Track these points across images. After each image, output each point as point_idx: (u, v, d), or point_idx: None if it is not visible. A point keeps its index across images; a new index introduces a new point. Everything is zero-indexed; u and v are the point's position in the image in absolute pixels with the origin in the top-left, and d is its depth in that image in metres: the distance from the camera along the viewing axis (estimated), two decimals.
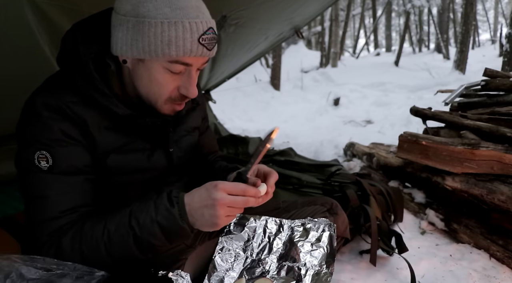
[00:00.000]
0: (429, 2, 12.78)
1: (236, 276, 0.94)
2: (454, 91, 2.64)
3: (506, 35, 5.93)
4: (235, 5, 2.04)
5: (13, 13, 1.13)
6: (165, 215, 0.78)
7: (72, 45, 0.84)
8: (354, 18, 23.08)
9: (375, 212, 1.63)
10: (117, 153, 0.89)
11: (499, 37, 11.81)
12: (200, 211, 0.77)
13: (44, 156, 0.80)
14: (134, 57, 0.81)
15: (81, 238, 0.79)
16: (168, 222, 0.78)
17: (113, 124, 0.88)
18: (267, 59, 10.63)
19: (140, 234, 0.79)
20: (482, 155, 1.66)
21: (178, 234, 0.80)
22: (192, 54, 0.79)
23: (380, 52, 17.73)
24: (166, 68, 0.81)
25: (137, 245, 0.79)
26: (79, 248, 0.79)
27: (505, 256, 1.51)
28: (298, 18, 2.72)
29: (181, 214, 0.78)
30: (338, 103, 6.75)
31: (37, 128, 0.81)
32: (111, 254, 0.79)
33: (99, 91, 0.83)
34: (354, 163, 2.86)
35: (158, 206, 0.80)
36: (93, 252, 0.79)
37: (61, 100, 0.82)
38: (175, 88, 0.85)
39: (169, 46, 0.77)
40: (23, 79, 1.35)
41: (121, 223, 0.80)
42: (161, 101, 0.86)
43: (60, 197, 0.81)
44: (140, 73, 0.84)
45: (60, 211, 0.80)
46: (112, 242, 0.79)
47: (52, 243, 0.79)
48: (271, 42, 3.09)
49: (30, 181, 0.82)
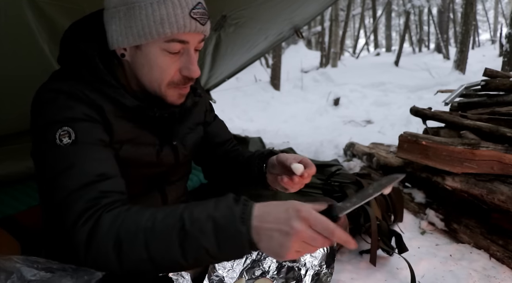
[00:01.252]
0: (429, 2, 12.77)
1: (236, 276, 0.94)
2: (454, 91, 2.64)
3: (506, 35, 5.93)
4: (235, 5, 2.04)
5: (13, 12, 1.13)
6: (224, 212, 0.66)
7: (73, 43, 0.85)
8: (354, 18, 23.08)
9: (375, 212, 1.64)
10: (130, 145, 0.88)
11: (499, 37, 11.81)
12: (269, 233, 0.64)
13: (66, 132, 0.75)
14: (131, 45, 0.81)
15: (124, 219, 0.69)
16: (226, 221, 0.65)
17: (128, 115, 0.87)
18: (267, 59, 10.63)
19: (190, 228, 0.66)
20: (482, 155, 1.66)
21: (232, 239, 0.65)
22: (186, 29, 0.79)
23: (380, 52, 17.72)
24: (164, 50, 0.81)
25: (181, 240, 0.66)
26: (117, 230, 0.68)
27: (505, 256, 1.51)
28: (298, 18, 2.72)
29: (244, 218, 0.65)
30: (338, 103, 6.75)
31: (55, 110, 0.78)
32: (149, 246, 0.67)
33: (106, 83, 0.82)
34: (354, 163, 2.86)
35: (218, 203, 0.68)
36: (130, 238, 0.67)
37: (75, 87, 0.80)
38: (177, 71, 0.84)
39: (162, 25, 0.77)
40: (23, 79, 1.35)
41: (172, 213, 0.68)
42: (164, 86, 0.85)
43: (91, 162, 0.74)
44: (140, 62, 0.84)
45: (96, 174, 0.73)
46: (154, 231, 0.67)
47: (91, 215, 0.69)
48: (271, 42, 3.09)
49: (51, 160, 0.75)
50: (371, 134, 4.20)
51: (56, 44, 1.31)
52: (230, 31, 2.31)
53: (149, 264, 0.68)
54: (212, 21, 2.09)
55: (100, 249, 0.68)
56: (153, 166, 0.95)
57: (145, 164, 0.93)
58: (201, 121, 1.10)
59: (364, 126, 5.11)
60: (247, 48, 2.89)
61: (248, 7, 2.09)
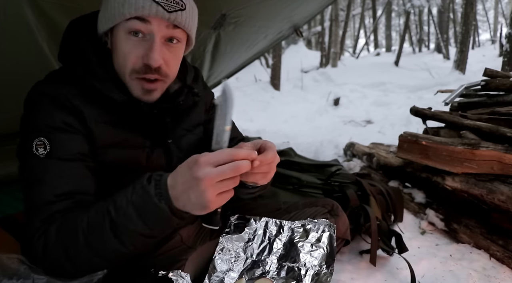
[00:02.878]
0: (429, 2, 12.78)
1: (236, 276, 0.94)
2: (454, 91, 2.64)
3: (506, 35, 5.93)
4: (234, 4, 2.04)
5: (13, 11, 1.13)
6: (140, 193, 0.70)
7: (71, 39, 0.88)
8: (354, 18, 23.08)
9: (375, 212, 1.63)
10: (115, 149, 0.88)
11: (499, 37, 11.81)
12: (185, 195, 0.66)
13: (42, 143, 0.79)
14: (105, 30, 0.85)
15: (65, 225, 0.74)
16: (142, 201, 0.69)
17: (112, 118, 0.87)
18: (267, 59, 10.63)
19: (116, 217, 0.70)
20: (482, 155, 1.66)
21: (155, 215, 0.69)
22: (145, 12, 0.80)
23: (380, 52, 17.73)
24: (127, 33, 0.82)
25: (114, 231, 0.71)
26: (61, 237, 0.73)
27: (505, 256, 1.51)
28: (297, 17, 2.72)
29: (160, 193, 0.68)
30: (338, 103, 6.75)
31: (37, 115, 0.82)
32: (90, 243, 0.72)
33: (97, 76, 0.84)
34: (354, 163, 2.86)
35: (135, 186, 0.72)
36: (73, 241, 0.72)
37: (59, 91, 0.83)
38: (138, 58, 0.83)
39: (123, 5, 0.80)
40: (22, 78, 1.35)
41: (100, 208, 0.73)
42: (128, 75, 0.85)
43: (56, 180, 0.79)
44: (113, 49, 0.87)
45: (55, 195, 0.78)
46: (90, 230, 0.72)
47: (42, 232, 0.74)
48: (270, 41, 3.08)
49: (27, 168, 0.81)
50: (371, 134, 4.20)
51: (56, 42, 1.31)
52: (230, 29, 2.31)
53: (97, 260, 0.73)
54: (212, 19, 2.09)
55: (53, 259, 0.74)
56: (142, 170, 0.91)
57: (133, 168, 0.91)
58: (201, 121, 1.08)
59: (364, 126, 5.11)
60: (247, 47, 2.89)
61: (247, 5, 2.09)
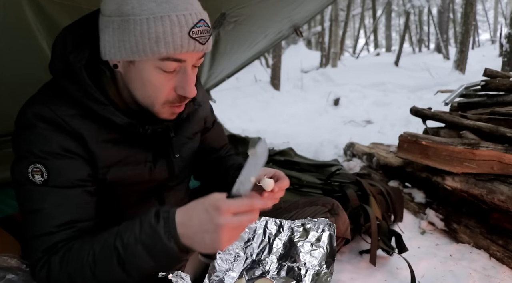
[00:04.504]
0: (429, 2, 12.77)
1: (236, 276, 0.94)
2: (454, 91, 2.63)
3: (506, 35, 5.93)
4: (234, 3, 2.04)
5: (12, 9, 1.13)
6: (148, 232, 0.68)
7: (62, 52, 0.79)
8: (354, 18, 23.08)
9: (375, 212, 1.63)
10: (117, 167, 0.85)
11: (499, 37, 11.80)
12: (199, 235, 0.67)
13: (38, 170, 0.75)
14: (124, 59, 0.76)
15: (69, 259, 0.73)
16: (152, 241, 0.68)
17: (113, 137, 0.84)
18: (267, 59, 10.62)
19: (124, 255, 0.70)
20: (482, 155, 1.66)
21: (165, 255, 0.69)
22: (184, 50, 0.74)
23: (380, 52, 17.74)
24: (158, 68, 0.76)
25: (122, 267, 0.70)
26: (66, 269, 0.72)
27: (505, 256, 1.51)
28: (297, 16, 2.72)
29: (169, 232, 0.67)
30: (338, 103, 6.74)
31: (32, 139, 0.76)
32: (97, 277, 0.72)
33: (94, 100, 0.78)
34: (354, 163, 2.86)
35: (142, 224, 0.70)
36: (79, 274, 0.72)
37: (57, 113, 0.77)
38: (171, 89, 0.79)
39: (157, 44, 0.72)
40: (22, 78, 1.35)
41: (106, 243, 0.72)
42: (158, 105, 0.81)
43: (55, 210, 0.76)
44: (133, 77, 0.79)
45: (55, 226, 0.75)
46: (97, 265, 0.71)
47: (44, 262, 0.74)
48: (270, 40, 3.08)
49: (24, 195, 0.77)
50: (371, 134, 4.20)
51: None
52: (229, 29, 2.31)
53: None
54: (211, 18, 2.09)
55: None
56: (145, 183, 0.92)
57: (136, 182, 0.90)
58: (200, 129, 1.07)
59: (364, 126, 5.11)
60: (247, 47, 2.89)
61: (247, 5, 2.09)
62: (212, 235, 0.65)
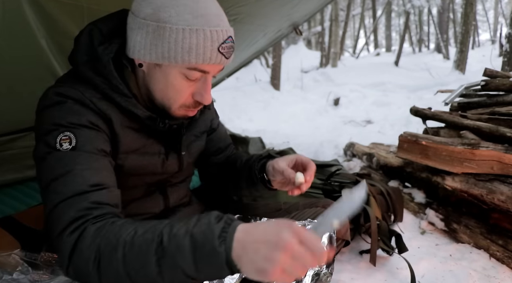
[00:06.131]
0: (429, 2, 12.78)
1: (236, 276, 0.94)
2: (454, 91, 2.63)
3: (506, 35, 5.92)
4: (233, 1, 2.03)
5: (11, 7, 1.13)
6: (203, 228, 0.63)
7: (89, 44, 0.83)
8: (354, 18, 23.07)
9: (375, 212, 1.63)
10: (136, 155, 0.90)
11: (499, 37, 11.79)
12: (256, 245, 0.59)
13: (67, 137, 0.75)
14: (152, 61, 0.81)
15: (106, 232, 0.67)
16: (202, 238, 0.61)
17: (134, 125, 0.88)
18: (267, 59, 10.62)
19: (167, 244, 0.63)
20: (482, 155, 1.66)
21: (209, 258, 0.61)
22: (211, 62, 0.80)
23: (380, 52, 17.75)
24: (183, 74, 0.81)
25: (158, 257, 0.63)
26: (98, 243, 0.67)
27: (505, 256, 1.51)
28: (296, 15, 2.72)
29: (224, 236, 0.61)
30: (338, 103, 6.75)
31: (60, 114, 0.77)
32: (126, 261, 0.65)
33: (119, 92, 0.82)
34: (354, 163, 2.86)
35: (200, 219, 0.65)
36: (110, 252, 0.66)
37: (84, 94, 0.80)
38: (190, 95, 0.86)
39: (189, 53, 0.77)
40: (21, 77, 1.35)
41: (152, 228, 0.66)
42: (175, 107, 0.87)
43: (86, 171, 0.74)
44: (157, 78, 0.84)
45: (89, 185, 0.72)
46: (133, 245, 0.64)
47: (77, 227, 0.68)
48: (269, 39, 3.08)
49: (50, 163, 0.74)
50: (371, 134, 4.20)
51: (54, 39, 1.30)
52: None
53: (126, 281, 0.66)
54: None
55: (81, 262, 0.67)
56: (157, 174, 0.97)
57: (149, 172, 0.95)
58: (207, 129, 1.12)
59: (364, 126, 5.11)
60: (246, 45, 2.88)
61: (246, 3, 2.09)
62: (270, 248, 0.57)
